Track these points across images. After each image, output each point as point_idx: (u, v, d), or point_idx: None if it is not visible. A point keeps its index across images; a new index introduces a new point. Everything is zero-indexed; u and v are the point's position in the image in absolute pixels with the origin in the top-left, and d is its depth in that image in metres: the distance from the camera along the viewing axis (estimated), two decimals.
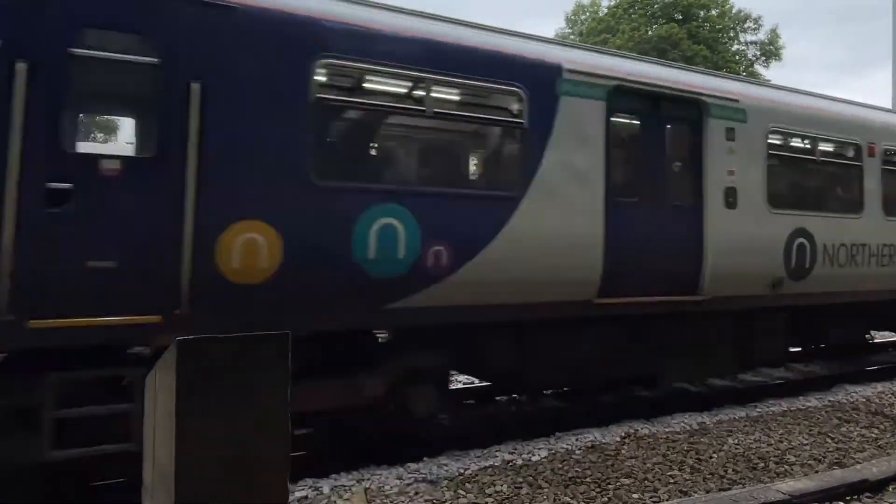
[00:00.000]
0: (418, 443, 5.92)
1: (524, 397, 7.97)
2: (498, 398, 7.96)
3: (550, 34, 38.21)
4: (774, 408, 7.54)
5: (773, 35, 40.07)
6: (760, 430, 6.53)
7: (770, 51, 40.44)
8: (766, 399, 7.97)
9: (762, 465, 5.51)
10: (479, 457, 5.64)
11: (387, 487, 4.93)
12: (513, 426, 6.61)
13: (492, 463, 5.48)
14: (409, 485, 5.00)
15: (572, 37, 47.06)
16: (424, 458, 5.61)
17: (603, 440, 6.09)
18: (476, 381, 9.20)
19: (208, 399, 1.28)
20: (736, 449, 5.90)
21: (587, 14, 42.59)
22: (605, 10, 40.30)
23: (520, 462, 5.49)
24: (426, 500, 4.69)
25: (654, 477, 5.19)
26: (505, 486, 4.95)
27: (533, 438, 6.14)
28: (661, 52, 36.52)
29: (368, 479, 5.10)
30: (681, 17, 37.99)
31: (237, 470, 1.30)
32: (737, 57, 39.71)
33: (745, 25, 40.28)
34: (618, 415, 6.92)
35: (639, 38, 37.04)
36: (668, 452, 5.76)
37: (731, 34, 40.30)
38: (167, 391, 1.32)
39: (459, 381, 9.19)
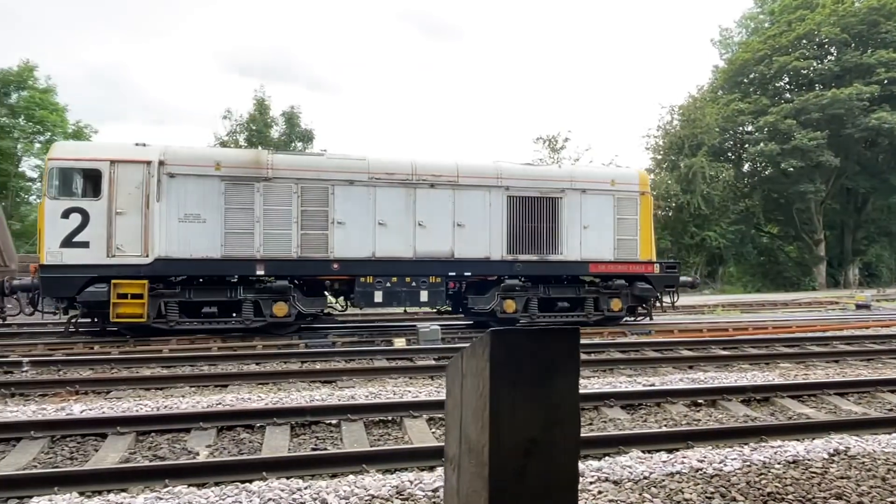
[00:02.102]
0: (600, 441, 5.83)
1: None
2: (673, 401, 7.56)
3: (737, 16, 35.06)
4: None
5: None
6: None
7: None
8: None
9: None
10: (664, 461, 5.41)
11: None
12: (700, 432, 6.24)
13: (679, 469, 5.22)
14: (591, 483, 4.93)
15: (762, 16, 43.24)
16: (606, 457, 5.51)
17: (807, 456, 5.54)
18: (655, 384, 8.84)
19: (513, 384, 1.43)
20: None
21: None
22: None
23: (710, 471, 5.18)
24: (610, 501, 4.59)
25: (871, 501, 4.63)
26: (694, 494, 4.70)
27: (724, 447, 5.76)
28: (871, 24, 32.34)
29: None
30: None
31: (537, 448, 1.44)
32: None
33: None
34: (824, 428, 6.26)
35: (843, 11, 33.02)
36: (889, 476, 5.10)
37: None
38: (477, 374, 1.48)
39: (639, 382, 8.88)
